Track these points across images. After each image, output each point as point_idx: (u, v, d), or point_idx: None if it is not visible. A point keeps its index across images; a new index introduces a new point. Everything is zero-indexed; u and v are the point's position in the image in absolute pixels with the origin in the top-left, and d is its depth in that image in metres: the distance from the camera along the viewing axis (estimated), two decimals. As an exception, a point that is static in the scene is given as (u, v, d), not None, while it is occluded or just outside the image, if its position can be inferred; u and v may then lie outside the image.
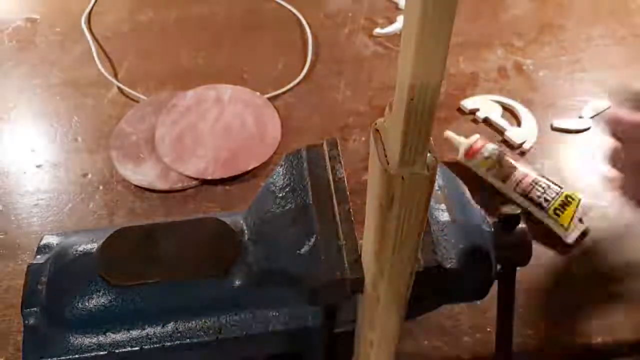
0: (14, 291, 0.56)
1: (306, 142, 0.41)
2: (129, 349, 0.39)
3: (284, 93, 0.75)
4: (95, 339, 0.39)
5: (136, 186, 0.65)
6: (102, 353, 0.39)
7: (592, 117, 0.71)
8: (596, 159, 0.67)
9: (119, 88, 0.76)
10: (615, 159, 0.36)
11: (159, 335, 0.39)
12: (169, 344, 0.39)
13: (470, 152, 0.65)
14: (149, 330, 0.39)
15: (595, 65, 0.78)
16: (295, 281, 0.37)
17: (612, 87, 0.74)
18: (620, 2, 0.87)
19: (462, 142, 0.66)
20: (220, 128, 0.70)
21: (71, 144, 0.69)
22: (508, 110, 0.73)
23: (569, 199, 0.60)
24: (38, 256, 0.42)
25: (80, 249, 0.41)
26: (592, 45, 0.81)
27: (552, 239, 0.60)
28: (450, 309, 0.54)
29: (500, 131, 0.70)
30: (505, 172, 0.63)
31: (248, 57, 0.80)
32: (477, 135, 0.66)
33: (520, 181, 0.62)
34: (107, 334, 0.39)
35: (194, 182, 0.65)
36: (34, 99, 0.75)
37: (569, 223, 0.59)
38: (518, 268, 0.43)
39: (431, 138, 0.24)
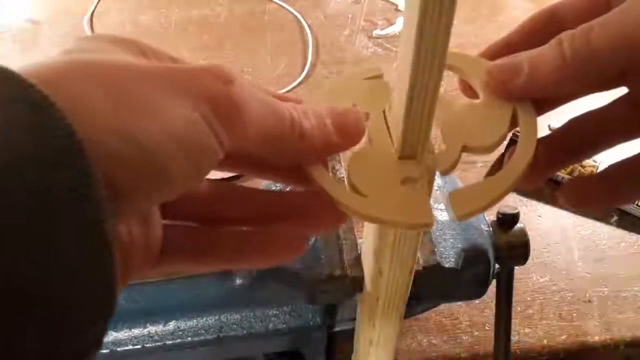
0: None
1: (306, 143, 0.41)
2: (131, 347, 0.39)
3: (284, 94, 0.75)
4: (98, 337, 0.39)
5: (137, 186, 0.65)
6: (104, 351, 0.39)
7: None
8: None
9: (120, 89, 0.76)
10: None
11: (160, 333, 0.40)
12: (170, 342, 0.40)
13: None
14: (151, 328, 0.40)
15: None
16: (295, 280, 0.37)
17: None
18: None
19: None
20: (221, 129, 0.71)
21: (73, 145, 0.70)
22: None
23: None
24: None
25: (83, 248, 0.41)
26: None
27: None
28: (449, 307, 0.55)
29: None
30: (587, 173, 0.62)
31: (249, 58, 0.80)
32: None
33: None
34: (109, 332, 0.39)
35: (195, 183, 0.66)
36: (35, 99, 0.75)
37: None
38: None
39: (430, 138, 0.25)
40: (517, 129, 0.25)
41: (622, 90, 0.27)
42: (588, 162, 0.62)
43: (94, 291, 0.16)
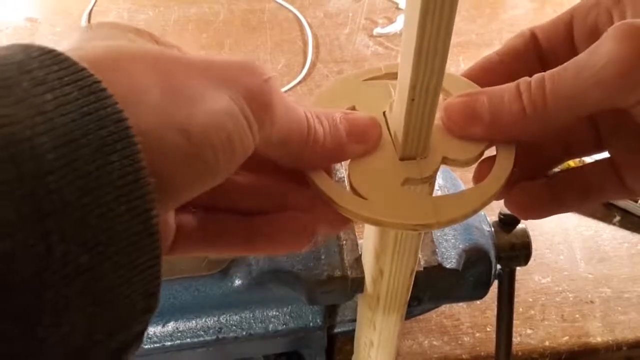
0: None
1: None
2: (130, 348, 0.39)
3: (284, 93, 0.75)
4: (96, 338, 0.39)
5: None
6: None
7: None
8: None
9: (119, 88, 0.76)
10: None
11: (159, 334, 0.40)
12: (169, 343, 0.40)
13: None
14: (150, 329, 0.40)
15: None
16: (295, 281, 0.37)
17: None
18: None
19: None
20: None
21: (71, 144, 0.70)
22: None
23: None
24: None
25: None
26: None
27: None
28: (450, 308, 0.55)
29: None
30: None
31: (248, 56, 0.80)
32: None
33: None
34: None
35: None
36: (34, 98, 0.75)
37: None
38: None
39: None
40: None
41: None
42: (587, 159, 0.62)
43: (140, 281, 0.15)
